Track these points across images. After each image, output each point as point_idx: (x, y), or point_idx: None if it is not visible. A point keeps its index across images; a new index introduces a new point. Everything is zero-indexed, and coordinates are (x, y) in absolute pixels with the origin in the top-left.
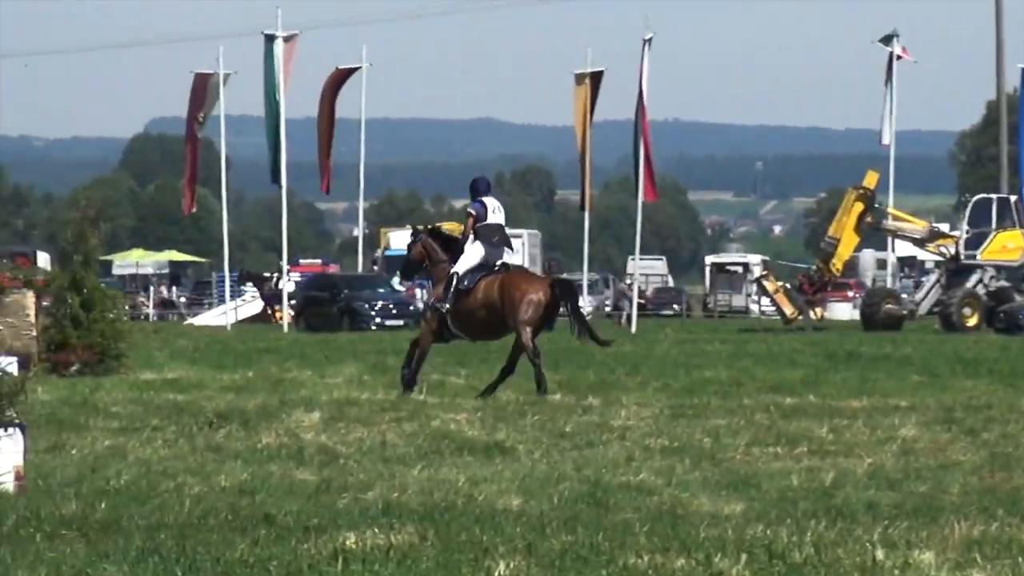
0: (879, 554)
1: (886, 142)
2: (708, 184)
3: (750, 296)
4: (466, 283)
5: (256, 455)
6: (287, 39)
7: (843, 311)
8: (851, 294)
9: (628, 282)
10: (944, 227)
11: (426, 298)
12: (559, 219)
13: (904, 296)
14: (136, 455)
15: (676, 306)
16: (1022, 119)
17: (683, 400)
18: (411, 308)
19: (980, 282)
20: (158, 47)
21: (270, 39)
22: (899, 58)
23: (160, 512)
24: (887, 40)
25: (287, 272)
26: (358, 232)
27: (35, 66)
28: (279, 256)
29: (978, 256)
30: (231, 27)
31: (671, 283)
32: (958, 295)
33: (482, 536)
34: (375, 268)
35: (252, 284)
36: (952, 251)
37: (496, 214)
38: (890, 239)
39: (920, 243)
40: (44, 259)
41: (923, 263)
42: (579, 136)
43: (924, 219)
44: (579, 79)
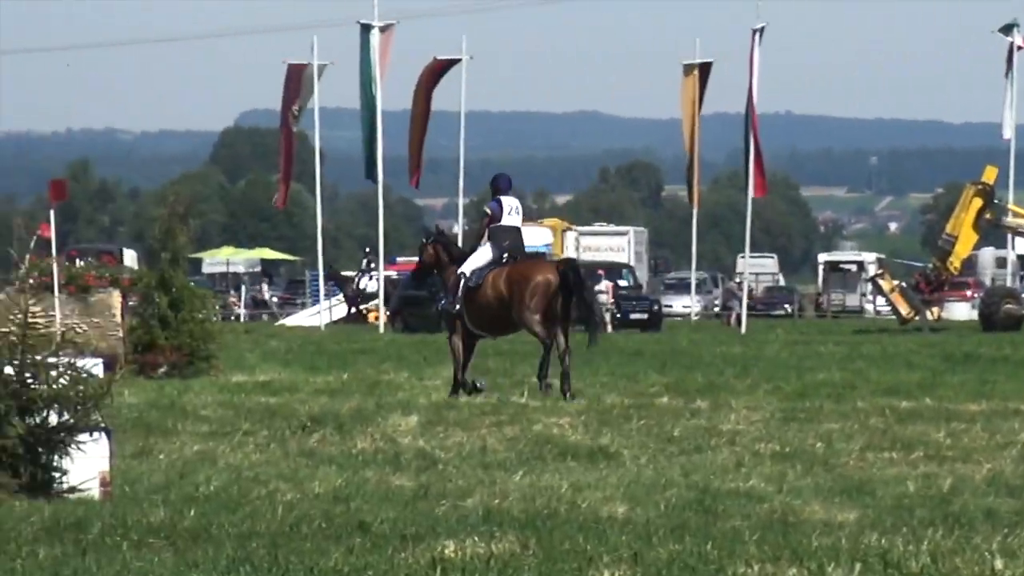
0: (998, 564)
1: (1007, 136)
2: (821, 179)
3: (864, 296)
4: (474, 280)
5: (351, 460)
6: (383, 29)
7: (961, 311)
8: (969, 293)
9: (737, 281)
10: None
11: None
12: (666, 216)
13: None
14: (226, 460)
15: (787, 306)
16: None
17: (795, 403)
18: None
19: None
20: (250, 37)
21: (366, 29)
22: (1020, 48)
23: (251, 520)
24: (1007, 30)
25: (372, 271)
26: (457, 229)
27: (121, 57)
28: (375, 254)
29: None
30: (326, 16)
31: (782, 282)
32: None
33: (586, 545)
34: None
35: (334, 283)
36: None
37: (513, 216)
38: (1010, 236)
39: None
40: (131, 257)
41: None
42: (687, 130)
43: None
44: (687, 70)
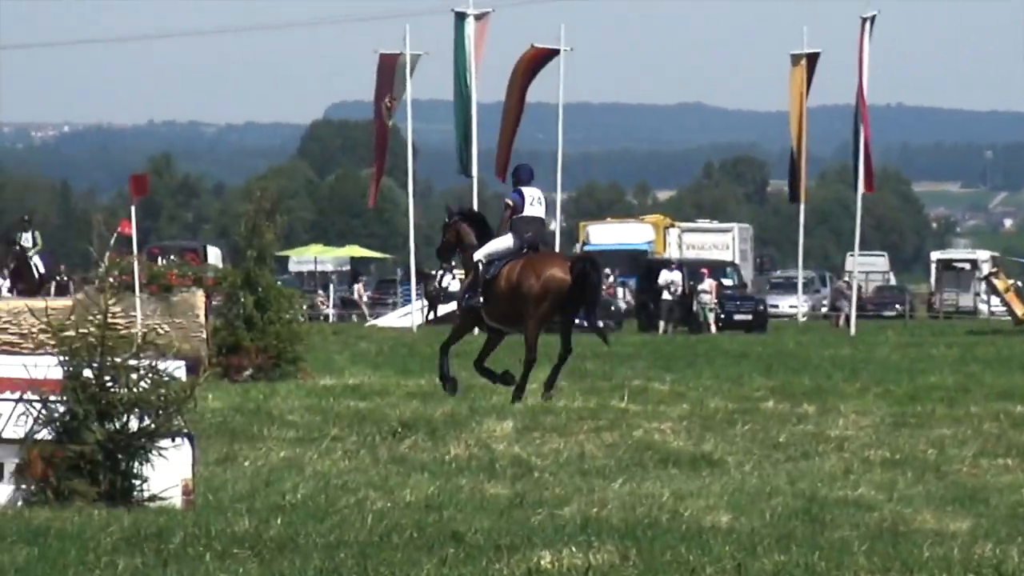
0: None
1: None
2: (933, 174)
3: (978, 296)
4: (491, 273)
5: (444, 467)
6: (478, 17)
7: None
8: None
9: (846, 280)
10: None
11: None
12: (772, 212)
13: None
14: (314, 467)
15: (898, 306)
16: None
17: (905, 408)
18: (612, 308)
19: None
20: (340, 26)
21: (460, 17)
22: None
23: (340, 529)
24: None
25: (456, 268)
26: (555, 226)
27: (205, 47)
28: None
29: None
30: (419, 4)
31: (893, 281)
32: None
33: (688, 555)
34: None
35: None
36: None
37: (535, 206)
38: None
39: None
40: (215, 255)
41: None
42: (794, 122)
43: None
44: (795, 60)
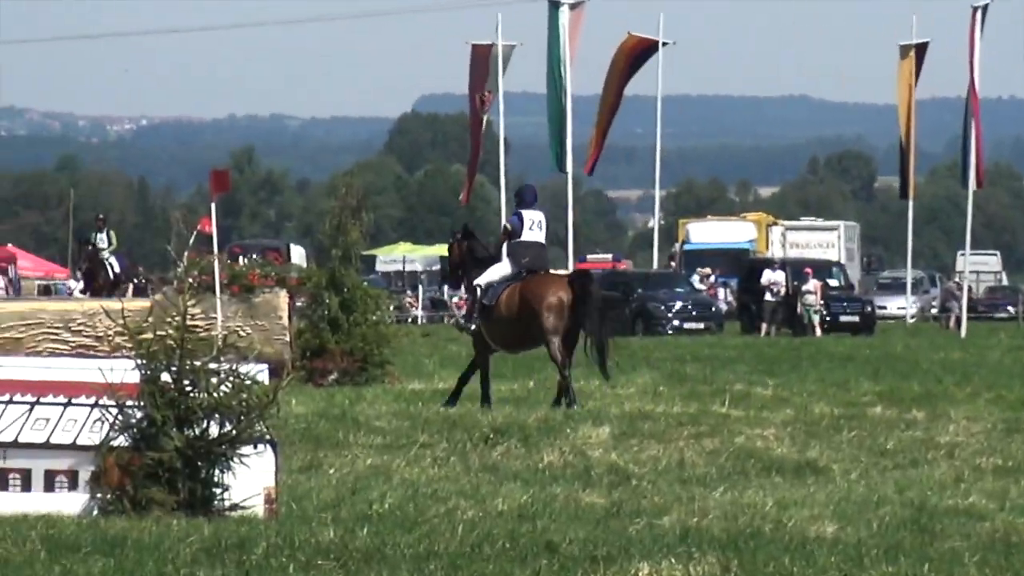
0: None
1: None
2: None
3: None
4: (488, 299)
5: (537, 475)
6: (573, 6)
7: None
8: None
9: (957, 280)
10: None
11: (458, 312)
12: (879, 209)
13: None
14: (402, 475)
15: (1011, 307)
16: None
17: (1018, 413)
18: (713, 310)
19: None
20: (428, 15)
21: (555, 6)
22: None
23: (429, 540)
24: None
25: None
26: (653, 223)
27: (288, 37)
28: (564, 251)
29: None
30: None
31: (1005, 281)
32: None
33: (792, 567)
34: (672, 264)
35: None
36: None
37: (534, 231)
38: None
39: None
40: (299, 254)
41: None
42: (902, 116)
43: None
44: (903, 51)
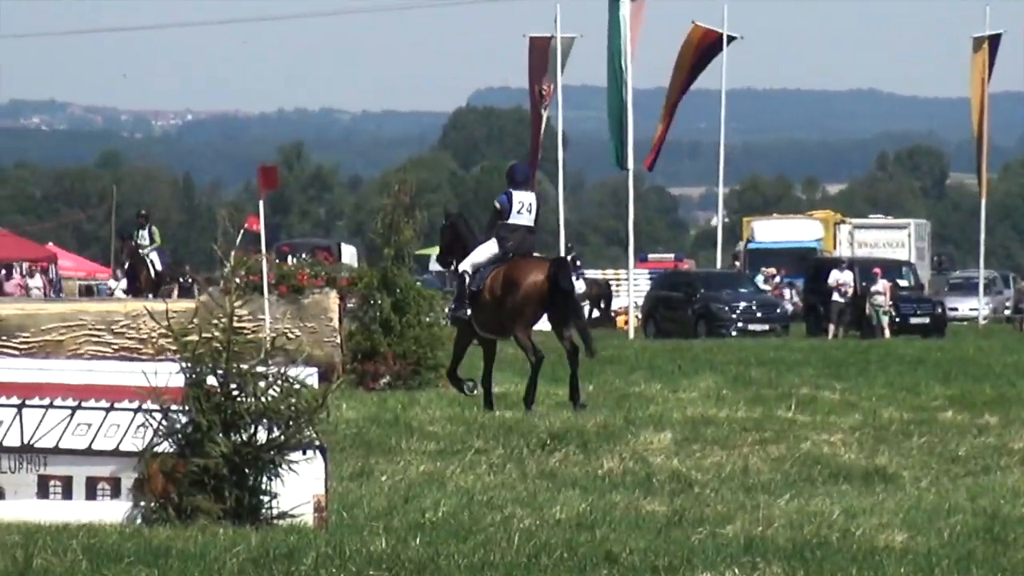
0: None
1: None
2: None
3: None
4: (476, 285)
5: (597, 482)
6: None
7: None
8: None
9: None
10: None
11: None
12: (951, 206)
13: None
14: (456, 483)
15: None
16: None
17: None
18: (778, 311)
19: None
20: (484, 6)
21: None
22: None
23: (484, 549)
24: None
25: (580, 269)
26: (716, 222)
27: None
28: (624, 250)
29: None
30: None
31: None
32: None
33: None
34: (736, 264)
35: None
36: None
37: (523, 214)
38: None
39: None
40: (349, 253)
41: None
42: (975, 110)
43: None
44: (976, 44)
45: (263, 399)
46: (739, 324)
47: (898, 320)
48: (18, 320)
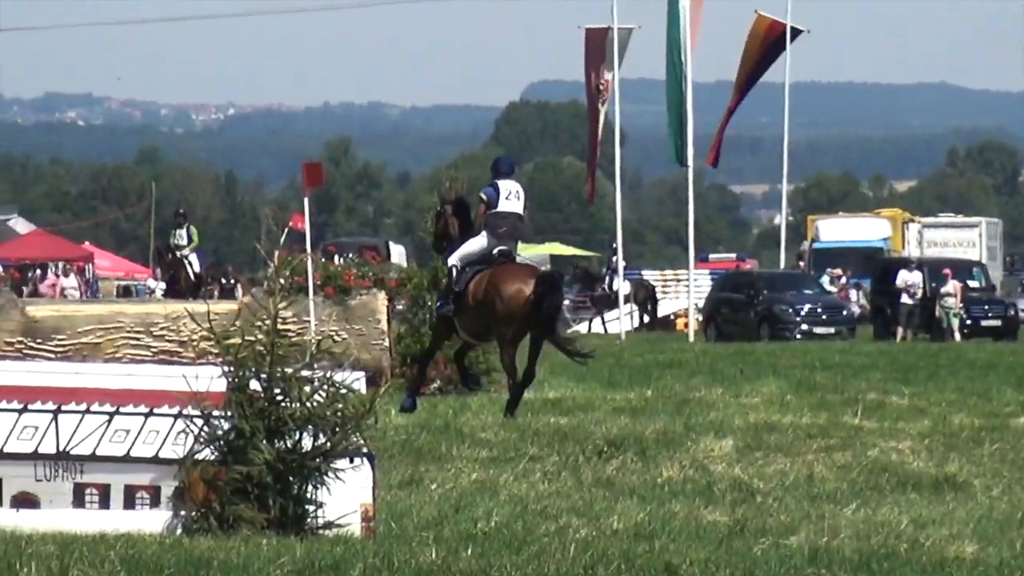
0: None
1: None
2: None
3: None
4: (459, 286)
5: (655, 491)
6: None
7: None
8: None
9: None
10: None
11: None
12: None
13: None
14: (509, 491)
15: None
16: None
17: None
18: (844, 313)
19: None
20: None
21: None
22: None
23: (538, 560)
24: None
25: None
26: (780, 220)
27: (387, 20)
28: (684, 250)
29: None
30: None
31: None
32: None
33: None
34: (800, 264)
35: (580, 284)
36: None
37: (511, 200)
38: None
39: None
40: (398, 253)
41: None
42: None
43: None
44: None
45: (308, 404)
46: (803, 327)
47: (969, 322)
48: (53, 322)
